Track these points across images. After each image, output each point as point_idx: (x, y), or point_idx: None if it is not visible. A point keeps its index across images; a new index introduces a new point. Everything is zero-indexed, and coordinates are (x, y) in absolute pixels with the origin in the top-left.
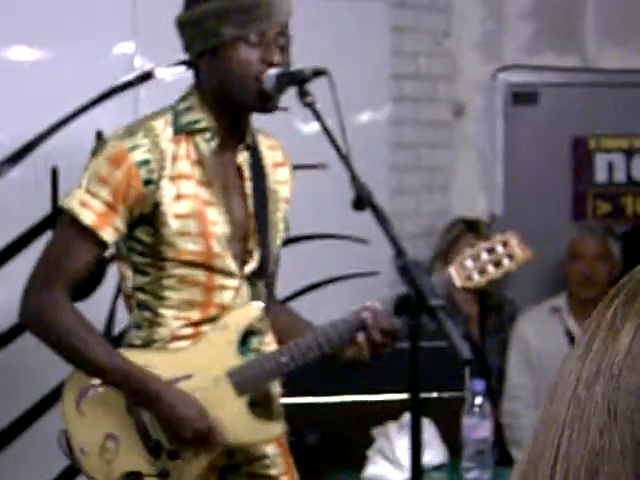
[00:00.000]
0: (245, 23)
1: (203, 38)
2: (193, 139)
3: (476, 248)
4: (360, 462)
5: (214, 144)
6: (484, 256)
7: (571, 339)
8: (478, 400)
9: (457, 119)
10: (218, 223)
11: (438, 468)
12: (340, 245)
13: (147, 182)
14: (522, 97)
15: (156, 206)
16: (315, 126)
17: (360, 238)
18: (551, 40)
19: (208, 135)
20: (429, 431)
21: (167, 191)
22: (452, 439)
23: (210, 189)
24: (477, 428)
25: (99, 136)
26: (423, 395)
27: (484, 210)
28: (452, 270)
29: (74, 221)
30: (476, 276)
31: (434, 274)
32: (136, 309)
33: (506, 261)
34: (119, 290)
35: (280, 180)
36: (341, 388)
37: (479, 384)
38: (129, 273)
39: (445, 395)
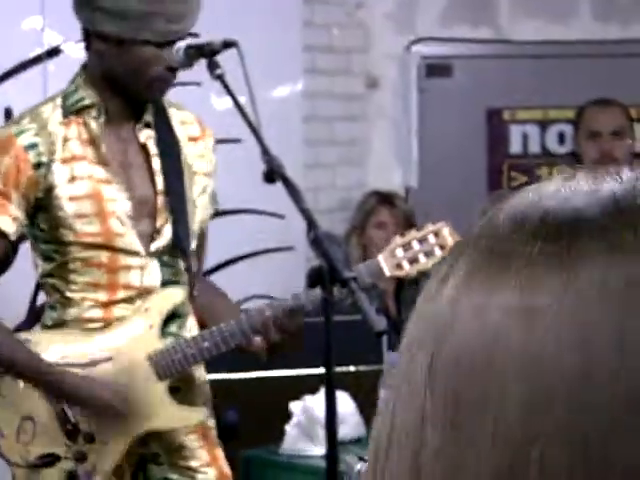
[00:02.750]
0: (163, 32)
1: (117, 28)
2: (83, 119)
3: (407, 237)
4: (279, 438)
5: (102, 120)
6: (415, 245)
7: None
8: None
9: (371, 92)
10: (117, 200)
11: (356, 442)
12: (256, 220)
13: (37, 165)
14: (436, 69)
15: (49, 190)
16: (229, 100)
17: (276, 213)
18: (464, 12)
19: (94, 112)
20: (347, 405)
21: (59, 174)
22: (370, 413)
23: (106, 167)
24: None
25: (7, 113)
26: (340, 369)
27: (399, 183)
28: (381, 258)
29: None
30: (406, 265)
31: (363, 263)
32: (50, 292)
33: (438, 251)
34: None
35: (196, 154)
36: (258, 364)
37: (395, 356)
38: (38, 261)
39: (362, 368)
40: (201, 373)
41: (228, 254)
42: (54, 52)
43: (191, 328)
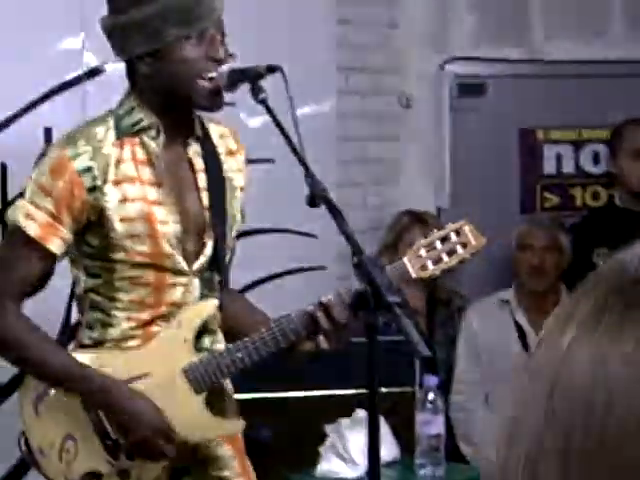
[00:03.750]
0: (187, 22)
1: (144, 41)
2: (139, 140)
3: (429, 237)
4: (312, 459)
5: (162, 140)
6: (438, 245)
7: (520, 332)
8: (431, 396)
9: (404, 112)
10: (168, 222)
11: (390, 465)
12: (287, 239)
13: (91, 189)
14: (469, 89)
15: (101, 212)
16: (259, 120)
17: (308, 233)
18: (497, 31)
19: (153, 133)
20: (381, 427)
21: (111, 196)
22: (403, 435)
23: (159, 188)
24: (430, 424)
25: (48, 133)
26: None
27: (431, 203)
28: (406, 260)
29: (20, 233)
30: (431, 265)
31: (387, 265)
32: (88, 310)
33: (460, 249)
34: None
35: (234, 168)
36: (292, 384)
37: (432, 379)
38: (81, 275)
39: (394, 390)
40: (228, 383)
41: (259, 273)
42: (94, 72)
43: (222, 341)
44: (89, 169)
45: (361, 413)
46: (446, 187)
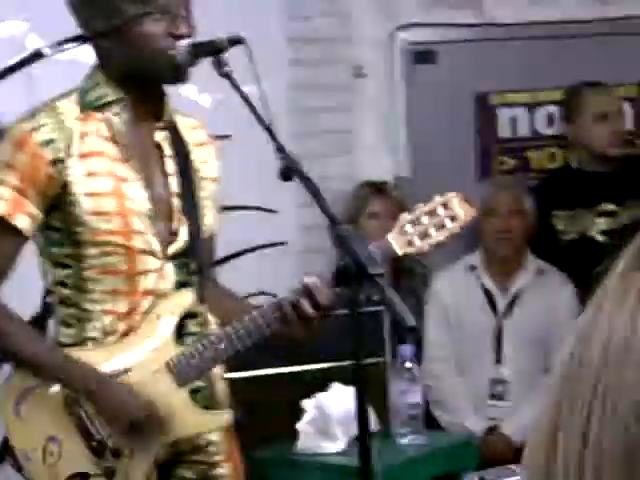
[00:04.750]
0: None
1: (104, 17)
2: (103, 116)
3: (415, 212)
4: (289, 436)
5: (125, 117)
6: (425, 220)
7: (488, 296)
8: (408, 365)
9: (357, 81)
10: (138, 199)
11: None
12: (246, 216)
13: (54, 162)
14: (422, 56)
15: (65, 186)
16: (214, 96)
17: (268, 208)
18: None
19: (117, 109)
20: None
21: (76, 169)
22: (378, 405)
23: (127, 165)
24: (408, 393)
25: None
26: (343, 363)
27: (389, 172)
28: (391, 237)
29: None
30: (418, 242)
31: (372, 242)
32: (60, 305)
33: (449, 222)
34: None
35: (202, 159)
36: (262, 361)
37: (408, 348)
38: (48, 267)
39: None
40: (218, 371)
41: (220, 252)
42: (37, 55)
43: (211, 323)
44: (51, 141)
45: (337, 387)
46: (404, 155)
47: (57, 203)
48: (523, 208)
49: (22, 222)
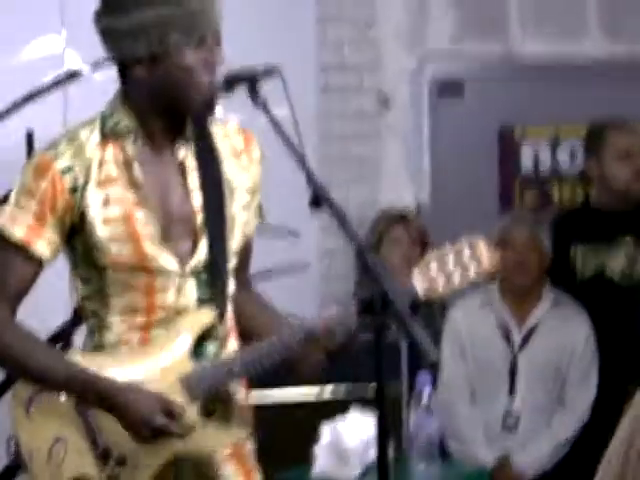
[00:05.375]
0: (189, 29)
1: (144, 45)
2: (120, 142)
3: (440, 253)
4: (306, 459)
5: (139, 144)
6: (450, 261)
7: (503, 328)
8: (426, 394)
9: (383, 110)
10: (149, 224)
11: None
12: (269, 238)
13: (73, 190)
14: (448, 87)
15: (83, 213)
16: (233, 119)
17: (290, 231)
18: (475, 29)
19: (132, 135)
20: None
21: (94, 197)
22: (393, 433)
23: (139, 190)
24: (425, 422)
25: (29, 136)
26: (361, 385)
27: (411, 201)
28: (415, 277)
29: (5, 238)
30: (441, 282)
31: (396, 281)
32: (87, 318)
33: (473, 267)
34: None
35: (237, 169)
36: (282, 382)
37: (425, 377)
38: (77, 284)
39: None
40: (240, 393)
41: None
42: (74, 75)
43: (233, 347)
44: (70, 168)
45: (355, 412)
46: (426, 184)
47: (75, 229)
48: (539, 242)
49: (41, 248)
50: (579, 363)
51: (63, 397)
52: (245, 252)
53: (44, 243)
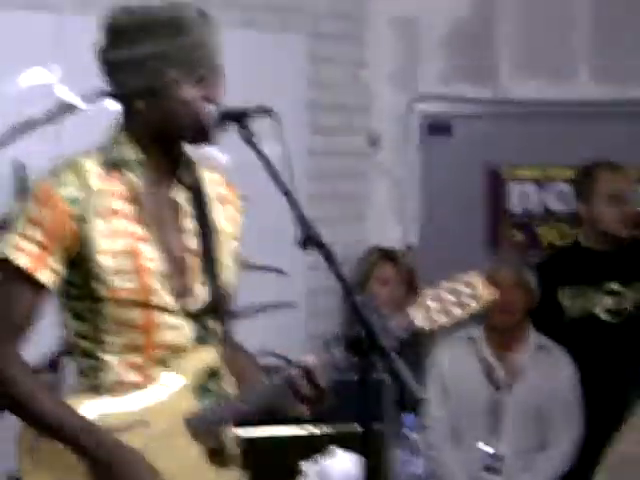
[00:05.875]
0: (188, 65)
1: (143, 78)
2: (124, 175)
3: (438, 288)
4: None
5: (144, 176)
6: (447, 296)
7: (487, 369)
8: (411, 435)
9: (373, 149)
10: (154, 259)
11: None
12: (257, 276)
13: (77, 219)
14: (437, 127)
15: (86, 244)
16: (226, 157)
17: (278, 269)
18: (464, 71)
19: (136, 169)
20: (358, 466)
21: (98, 228)
22: (378, 474)
23: (145, 225)
24: (411, 463)
25: (21, 167)
26: (344, 428)
27: (399, 240)
28: (413, 311)
29: (10, 267)
30: (437, 317)
31: (393, 315)
32: (79, 357)
33: (471, 302)
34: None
35: (224, 216)
36: (263, 421)
37: (410, 418)
38: (69, 320)
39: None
40: (231, 431)
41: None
42: (68, 107)
43: (230, 385)
44: (74, 199)
45: (337, 451)
46: (414, 224)
47: (76, 260)
48: (525, 283)
49: (45, 277)
50: (563, 404)
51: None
52: (228, 298)
53: (48, 272)
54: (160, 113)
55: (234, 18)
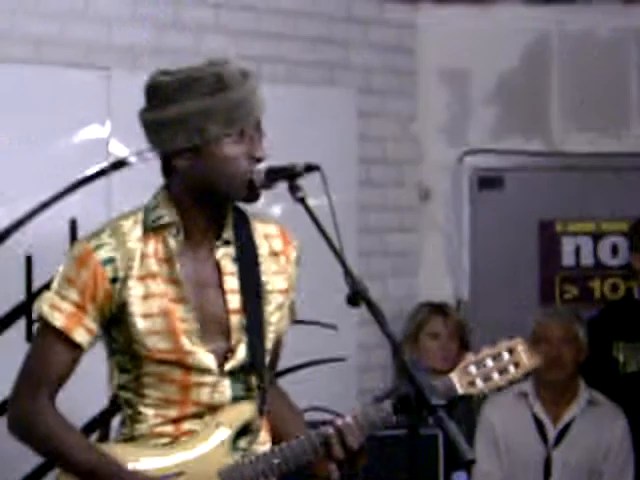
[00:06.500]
0: (229, 121)
1: (185, 137)
2: (161, 236)
3: (480, 354)
4: None
5: (181, 239)
6: (489, 362)
7: (538, 424)
8: None
9: (423, 203)
10: (187, 320)
11: None
12: (308, 330)
13: (113, 280)
14: (488, 181)
15: (124, 305)
16: (276, 210)
17: (329, 324)
18: (516, 124)
19: (174, 231)
20: None
21: (134, 291)
22: None
23: (179, 286)
24: None
25: (72, 224)
26: None
27: (450, 295)
28: (454, 376)
29: (47, 325)
30: (480, 383)
31: (435, 379)
32: (123, 407)
33: (512, 368)
34: None
35: (272, 270)
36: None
37: (461, 475)
38: (114, 372)
39: None
40: None
41: (280, 364)
42: (119, 164)
43: (265, 443)
44: (112, 260)
45: None
46: (465, 279)
47: (116, 319)
48: (575, 337)
49: (80, 336)
50: (614, 462)
51: None
52: (275, 349)
53: (83, 331)
54: (203, 171)
55: (283, 73)
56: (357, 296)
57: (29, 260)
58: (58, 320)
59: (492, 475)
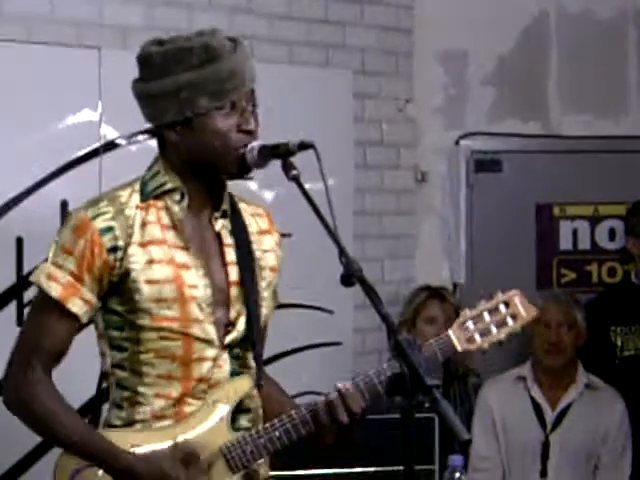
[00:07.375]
0: (219, 94)
1: (176, 110)
2: (164, 203)
3: (477, 309)
4: None
5: (185, 204)
6: (486, 317)
7: (536, 408)
8: (457, 475)
9: (420, 186)
10: (197, 286)
11: None
12: (304, 314)
13: (111, 250)
14: (485, 164)
15: (126, 274)
16: (271, 194)
17: (325, 308)
18: (513, 107)
19: (177, 196)
20: None
21: (137, 257)
22: None
23: (187, 252)
24: None
25: (64, 206)
26: (391, 468)
27: (447, 278)
28: (452, 333)
29: (43, 295)
30: (478, 338)
31: (433, 338)
32: (115, 388)
33: (510, 321)
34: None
35: (265, 248)
36: (310, 462)
37: (458, 459)
38: (107, 350)
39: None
40: (265, 469)
41: (276, 349)
42: (110, 146)
43: (260, 420)
44: (110, 229)
45: None
46: (462, 262)
47: (117, 289)
48: (574, 321)
49: (77, 307)
50: (612, 446)
51: (100, 471)
52: (263, 332)
53: (79, 301)
54: (194, 144)
55: (280, 54)
56: (351, 276)
57: (20, 242)
58: (55, 290)
59: (489, 459)
